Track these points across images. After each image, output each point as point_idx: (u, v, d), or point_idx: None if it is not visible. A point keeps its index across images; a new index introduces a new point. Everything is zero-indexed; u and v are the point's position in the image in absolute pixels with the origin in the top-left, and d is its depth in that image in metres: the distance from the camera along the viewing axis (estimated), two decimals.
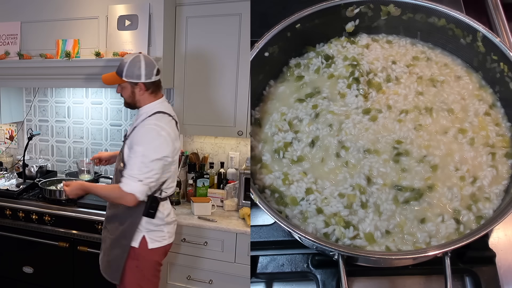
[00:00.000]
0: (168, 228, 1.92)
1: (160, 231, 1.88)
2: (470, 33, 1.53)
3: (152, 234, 1.86)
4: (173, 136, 1.80)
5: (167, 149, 1.76)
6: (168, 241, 1.94)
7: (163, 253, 1.95)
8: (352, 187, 1.39)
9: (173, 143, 1.80)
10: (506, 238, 1.55)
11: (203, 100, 2.51)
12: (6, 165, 3.12)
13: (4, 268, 2.70)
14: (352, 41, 1.68)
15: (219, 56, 2.43)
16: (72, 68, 2.47)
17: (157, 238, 1.88)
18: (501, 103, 1.53)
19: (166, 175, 1.83)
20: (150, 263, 1.90)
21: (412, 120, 1.49)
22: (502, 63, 1.48)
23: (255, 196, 1.32)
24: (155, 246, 1.88)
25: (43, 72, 2.60)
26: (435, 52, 1.66)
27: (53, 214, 2.50)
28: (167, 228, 1.91)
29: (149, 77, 1.81)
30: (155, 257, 1.91)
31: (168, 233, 1.92)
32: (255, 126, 1.56)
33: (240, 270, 2.29)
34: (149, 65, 1.82)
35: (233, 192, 2.58)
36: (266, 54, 1.58)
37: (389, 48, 1.67)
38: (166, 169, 1.81)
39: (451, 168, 1.40)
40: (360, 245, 1.33)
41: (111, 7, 2.46)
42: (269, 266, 1.53)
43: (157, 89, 1.87)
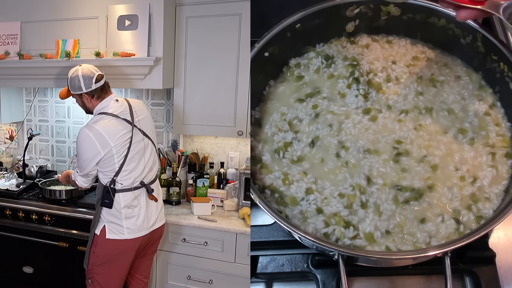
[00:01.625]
0: (127, 223, 2.01)
1: (117, 224, 2.01)
2: (470, 33, 1.53)
3: (110, 225, 2.02)
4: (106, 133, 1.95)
5: (95, 148, 1.94)
6: (127, 236, 2.02)
7: (125, 247, 2.03)
8: (352, 187, 1.39)
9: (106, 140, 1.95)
10: (506, 238, 1.55)
11: (203, 100, 2.51)
12: (6, 165, 3.12)
13: (4, 268, 2.70)
14: (352, 41, 1.68)
15: (219, 56, 2.43)
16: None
17: (114, 230, 2.01)
18: (501, 103, 1.53)
19: (110, 167, 1.99)
20: (107, 252, 2.04)
21: (412, 120, 1.48)
22: (502, 63, 1.47)
23: (255, 196, 1.32)
24: (112, 237, 2.01)
25: (43, 72, 2.61)
26: (435, 52, 1.66)
27: (53, 214, 2.50)
28: (126, 223, 2.01)
29: (89, 87, 2.02)
30: (112, 249, 2.03)
31: (127, 229, 2.01)
32: (255, 126, 1.56)
33: (240, 270, 2.29)
34: (86, 76, 2.02)
35: (233, 192, 2.58)
36: (266, 54, 1.57)
37: (389, 48, 1.67)
38: (106, 163, 1.98)
39: (451, 168, 1.40)
40: (360, 245, 1.33)
41: (111, 7, 2.46)
42: (269, 266, 1.53)
43: (102, 93, 2.06)
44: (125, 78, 2.49)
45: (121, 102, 2.09)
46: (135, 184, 2.04)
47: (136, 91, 2.90)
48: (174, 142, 2.84)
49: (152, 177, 2.14)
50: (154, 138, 2.18)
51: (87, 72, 2.04)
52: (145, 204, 2.07)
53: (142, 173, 2.06)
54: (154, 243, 2.22)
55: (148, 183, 2.09)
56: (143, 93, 2.90)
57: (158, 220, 2.15)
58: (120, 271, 2.09)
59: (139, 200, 2.05)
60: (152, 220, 2.11)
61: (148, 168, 2.10)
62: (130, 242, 2.03)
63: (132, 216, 2.02)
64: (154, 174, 2.16)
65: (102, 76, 2.07)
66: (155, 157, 2.17)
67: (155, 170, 2.18)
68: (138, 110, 2.12)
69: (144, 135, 2.09)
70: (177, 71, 2.53)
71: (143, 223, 2.05)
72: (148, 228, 2.09)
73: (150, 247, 2.21)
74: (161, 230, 2.21)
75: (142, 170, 2.06)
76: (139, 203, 2.05)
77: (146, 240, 2.12)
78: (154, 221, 2.12)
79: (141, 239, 2.06)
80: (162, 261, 2.46)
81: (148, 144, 2.11)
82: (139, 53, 2.41)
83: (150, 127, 2.15)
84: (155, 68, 2.41)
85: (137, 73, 2.43)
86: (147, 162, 2.09)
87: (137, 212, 2.04)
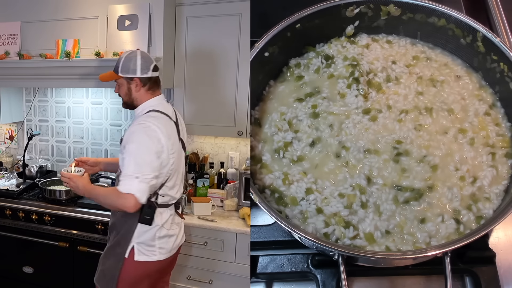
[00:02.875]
0: (160, 243, 1.75)
1: (150, 245, 1.74)
2: (470, 33, 1.53)
3: (141, 246, 1.73)
4: (166, 135, 1.68)
5: (158, 147, 1.66)
6: (159, 257, 1.76)
7: (152, 269, 1.77)
8: (352, 187, 1.39)
9: (167, 143, 1.68)
10: (506, 238, 1.55)
11: (203, 100, 2.51)
12: (6, 165, 3.11)
13: (4, 268, 2.70)
14: (352, 41, 1.68)
15: (219, 56, 2.43)
16: (72, 68, 2.47)
17: (145, 251, 1.74)
18: (501, 103, 1.53)
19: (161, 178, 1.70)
20: (131, 275, 1.75)
21: (412, 120, 1.49)
22: (502, 63, 1.48)
23: (255, 196, 1.32)
24: (142, 260, 1.73)
25: (43, 72, 2.60)
26: (435, 52, 1.66)
27: (53, 214, 2.50)
28: (159, 243, 1.75)
29: (145, 72, 1.75)
30: (140, 271, 1.75)
31: (160, 248, 1.75)
32: (255, 126, 1.56)
33: (240, 270, 2.29)
34: (146, 60, 1.77)
35: (233, 192, 2.58)
36: (266, 54, 1.58)
37: (389, 48, 1.67)
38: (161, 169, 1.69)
39: (451, 168, 1.40)
40: (360, 245, 1.33)
41: (111, 7, 2.46)
42: (269, 266, 1.53)
43: (155, 86, 1.80)
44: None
45: (169, 104, 1.86)
46: (173, 200, 1.80)
47: None
48: None
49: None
50: None
51: (147, 56, 1.79)
52: (176, 223, 1.84)
53: (181, 188, 1.84)
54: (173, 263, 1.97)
55: None
56: None
57: (182, 237, 1.92)
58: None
59: (174, 217, 1.82)
60: (180, 239, 1.89)
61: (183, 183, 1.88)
62: (159, 264, 1.78)
63: (167, 235, 1.77)
64: None
65: (158, 68, 1.81)
66: None
67: None
68: (180, 119, 1.89)
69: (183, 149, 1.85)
70: (177, 71, 2.53)
71: (174, 242, 1.83)
72: (177, 246, 1.87)
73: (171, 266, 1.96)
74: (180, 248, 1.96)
75: (180, 185, 1.83)
76: (173, 221, 1.82)
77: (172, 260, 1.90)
78: (180, 239, 1.90)
79: (169, 260, 1.84)
80: None
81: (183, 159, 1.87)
82: None
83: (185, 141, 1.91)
84: None
85: None
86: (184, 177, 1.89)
87: (173, 231, 1.81)
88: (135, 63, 1.74)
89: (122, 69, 1.76)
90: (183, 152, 1.85)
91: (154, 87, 1.79)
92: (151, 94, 1.79)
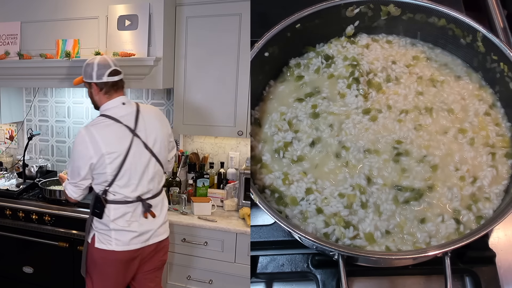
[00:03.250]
0: (116, 235, 1.88)
1: (106, 234, 1.89)
2: (470, 33, 1.53)
3: (99, 234, 1.90)
4: (101, 138, 1.82)
5: (88, 152, 1.81)
6: (115, 247, 1.88)
7: (111, 257, 1.89)
8: (352, 187, 1.39)
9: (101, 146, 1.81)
10: (506, 238, 1.55)
11: (203, 100, 2.51)
12: (6, 165, 3.12)
13: (4, 268, 2.70)
14: (352, 41, 1.68)
15: (219, 56, 2.43)
16: (72, 68, 2.47)
17: (103, 240, 1.89)
18: (501, 103, 1.53)
19: (102, 177, 1.84)
20: (96, 261, 1.93)
21: (412, 120, 1.49)
22: (502, 63, 1.47)
23: (255, 196, 1.32)
24: (100, 247, 1.90)
25: (43, 72, 2.60)
26: (435, 52, 1.66)
27: (53, 214, 2.50)
28: (114, 234, 1.88)
29: (100, 78, 1.89)
30: (100, 259, 1.91)
31: (115, 239, 1.87)
32: (255, 126, 1.56)
33: (240, 270, 2.29)
34: (102, 66, 1.89)
35: (233, 192, 2.58)
36: (266, 54, 1.57)
37: (389, 48, 1.67)
38: (99, 171, 1.83)
39: (451, 168, 1.40)
40: (360, 245, 1.33)
41: (111, 7, 2.46)
42: (269, 266, 1.53)
43: (111, 90, 1.92)
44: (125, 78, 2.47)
45: (128, 106, 1.93)
46: (130, 199, 1.88)
47: (136, 91, 2.90)
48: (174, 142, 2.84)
49: (154, 193, 1.96)
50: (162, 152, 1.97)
51: (104, 62, 1.91)
52: (138, 220, 1.91)
53: (139, 187, 1.89)
54: (152, 259, 2.02)
55: (146, 198, 1.92)
56: (143, 93, 2.90)
57: (154, 236, 1.96)
58: (110, 282, 1.95)
59: (132, 215, 1.89)
60: (146, 236, 1.93)
61: (148, 185, 1.92)
62: (118, 254, 1.89)
63: (121, 229, 1.88)
64: (156, 190, 1.98)
65: (118, 72, 1.92)
66: (159, 173, 1.98)
67: (159, 187, 1.99)
68: (148, 118, 1.94)
69: (147, 149, 1.91)
70: (177, 71, 2.53)
71: (135, 238, 1.90)
72: (140, 243, 1.92)
73: (147, 263, 2.02)
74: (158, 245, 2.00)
75: (141, 185, 1.90)
76: (132, 218, 1.89)
77: (138, 255, 1.95)
78: (148, 238, 1.94)
79: (130, 253, 1.91)
80: None
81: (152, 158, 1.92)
82: (139, 53, 2.41)
83: (159, 140, 1.95)
84: (155, 68, 2.41)
85: (137, 73, 2.43)
86: (149, 178, 1.92)
87: (127, 226, 1.89)
88: (92, 69, 1.90)
89: (84, 74, 1.94)
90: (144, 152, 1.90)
91: (111, 91, 1.92)
92: (107, 98, 1.92)
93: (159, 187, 1.99)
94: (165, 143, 2.00)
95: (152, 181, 1.94)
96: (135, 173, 1.88)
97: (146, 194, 1.93)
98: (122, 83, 1.96)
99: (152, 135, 1.93)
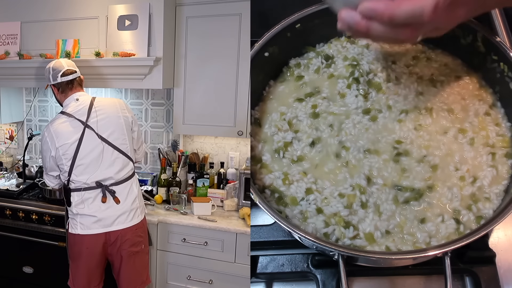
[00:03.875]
0: (81, 219, 2.09)
1: (74, 219, 2.11)
2: (470, 33, 1.53)
3: (71, 220, 2.14)
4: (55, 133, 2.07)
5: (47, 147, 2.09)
6: (80, 231, 2.09)
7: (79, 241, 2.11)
8: (352, 187, 1.39)
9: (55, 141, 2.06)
10: (506, 238, 1.55)
11: (203, 100, 2.51)
12: (6, 165, 3.12)
13: (4, 268, 2.70)
14: (352, 41, 1.67)
15: (219, 56, 2.43)
16: None
17: (72, 225, 2.13)
18: (501, 103, 1.53)
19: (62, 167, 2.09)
20: (70, 245, 2.17)
21: (412, 120, 1.48)
22: (502, 63, 1.47)
23: (255, 196, 1.32)
24: (71, 232, 2.13)
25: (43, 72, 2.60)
26: (435, 52, 1.66)
27: (53, 214, 2.50)
28: (79, 219, 2.09)
29: (55, 79, 2.14)
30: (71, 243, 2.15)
31: (80, 223, 2.09)
32: (255, 126, 1.56)
33: (240, 270, 2.29)
34: (56, 68, 2.14)
35: (233, 192, 2.58)
36: (266, 54, 1.57)
37: (389, 48, 1.67)
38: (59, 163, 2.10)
39: (451, 168, 1.40)
40: (360, 245, 1.33)
41: (111, 7, 2.46)
42: (269, 266, 1.53)
43: (66, 89, 2.16)
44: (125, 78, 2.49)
45: (81, 101, 2.14)
46: (87, 185, 2.07)
47: (136, 91, 2.90)
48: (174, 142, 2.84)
49: (116, 179, 2.11)
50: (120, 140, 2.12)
51: (57, 65, 2.15)
52: (99, 205, 2.08)
53: (95, 175, 2.07)
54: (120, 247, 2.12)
55: (109, 184, 2.08)
56: (143, 93, 2.90)
57: (118, 222, 2.10)
58: (80, 265, 2.14)
59: (93, 200, 2.08)
60: (108, 221, 2.09)
61: (105, 171, 2.08)
62: (83, 238, 2.09)
63: (84, 214, 2.08)
64: (118, 177, 2.11)
65: (71, 72, 2.15)
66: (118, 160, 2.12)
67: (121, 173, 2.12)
68: (101, 110, 2.11)
69: (101, 138, 2.08)
70: (177, 71, 2.53)
71: (95, 223, 2.08)
72: (102, 227, 2.08)
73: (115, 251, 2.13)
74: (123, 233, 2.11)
75: (97, 172, 2.07)
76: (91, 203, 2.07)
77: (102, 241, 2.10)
78: (111, 223, 2.09)
79: (94, 238, 2.08)
80: (162, 261, 2.46)
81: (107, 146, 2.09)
82: (139, 53, 2.41)
83: (113, 129, 2.11)
84: (155, 68, 2.41)
85: (137, 73, 2.43)
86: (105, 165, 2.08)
87: (88, 211, 2.07)
88: (48, 73, 2.15)
89: (45, 79, 2.20)
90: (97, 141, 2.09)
91: (66, 90, 2.17)
92: (65, 96, 2.18)
93: (121, 173, 2.13)
94: (124, 131, 2.15)
95: (109, 168, 2.10)
96: (90, 161, 2.08)
97: (107, 181, 2.10)
98: (79, 81, 2.20)
99: (106, 125, 2.11)
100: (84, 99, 2.15)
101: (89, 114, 2.09)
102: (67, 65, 2.16)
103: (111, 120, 2.13)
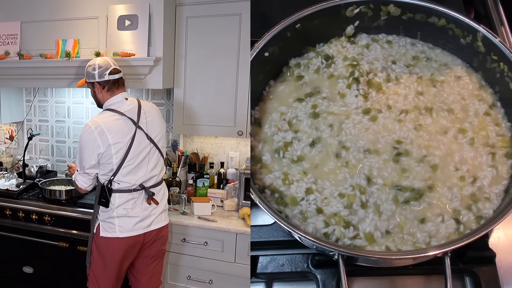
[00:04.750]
0: (119, 222, 2.02)
1: (110, 222, 2.02)
2: (470, 33, 1.53)
3: (104, 223, 2.04)
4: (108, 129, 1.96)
5: (95, 143, 1.95)
6: (119, 234, 2.02)
7: (116, 245, 2.03)
8: (352, 187, 1.39)
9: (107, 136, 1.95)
10: (506, 238, 1.55)
11: (203, 100, 2.51)
12: (6, 165, 3.11)
13: (4, 268, 2.70)
14: (352, 41, 1.68)
15: (219, 56, 2.43)
16: (72, 68, 2.47)
17: (107, 228, 2.03)
18: (501, 103, 1.53)
19: (108, 166, 1.99)
20: (100, 250, 2.06)
21: (412, 120, 1.49)
22: (502, 63, 1.48)
23: (255, 196, 1.32)
24: (105, 235, 2.03)
25: (43, 72, 2.60)
26: (435, 52, 1.66)
27: (53, 214, 2.50)
28: (118, 221, 2.02)
29: (101, 77, 2.05)
30: (104, 247, 2.05)
31: (119, 226, 2.02)
32: (255, 126, 1.56)
33: (240, 270, 2.29)
34: (103, 66, 2.07)
35: (233, 192, 2.58)
36: (266, 54, 1.58)
37: (389, 48, 1.67)
38: (105, 161, 1.98)
39: (451, 168, 1.40)
40: (360, 245, 1.33)
41: (111, 7, 2.46)
42: (269, 266, 1.53)
43: (113, 87, 2.07)
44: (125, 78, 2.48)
45: (130, 101, 2.10)
46: (134, 187, 2.03)
47: (136, 91, 2.90)
48: (174, 142, 2.84)
49: (156, 181, 2.12)
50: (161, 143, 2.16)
51: (104, 62, 2.09)
52: (141, 206, 2.06)
53: (141, 176, 2.05)
54: (151, 246, 2.15)
55: (149, 186, 2.07)
56: (143, 93, 2.90)
57: (155, 222, 2.11)
58: (111, 269, 2.08)
59: (136, 202, 2.04)
60: (148, 221, 2.08)
61: (150, 173, 2.08)
62: (121, 241, 2.03)
63: (125, 216, 2.02)
64: (158, 179, 2.13)
65: (117, 71, 2.09)
66: (160, 162, 2.15)
67: (160, 175, 2.15)
68: (148, 112, 2.11)
69: (150, 140, 2.07)
70: (177, 71, 2.53)
71: (137, 224, 2.05)
72: (142, 228, 2.07)
73: (146, 249, 2.15)
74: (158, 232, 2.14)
75: (144, 173, 2.05)
76: (135, 205, 2.04)
77: (140, 241, 2.09)
78: (150, 223, 2.09)
79: (133, 239, 2.05)
80: None
81: (153, 148, 2.09)
82: (139, 53, 2.40)
83: (158, 132, 2.13)
84: (155, 68, 2.41)
85: (137, 73, 2.43)
86: (151, 166, 2.08)
87: (131, 212, 2.03)
88: (94, 70, 2.06)
89: (87, 76, 2.10)
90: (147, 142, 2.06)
91: (113, 88, 2.08)
92: (110, 94, 2.08)
93: (160, 175, 2.15)
94: (164, 135, 2.20)
95: (154, 169, 2.10)
96: (138, 162, 2.03)
97: (149, 182, 2.07)
98: (122, 80, 2.12)
99: (153, 127, 2.10)
100: (133, 100, 2.12)
101: (139, 115, 2.06)
102: (113, 63, 2.11)
103: (157, 123, 2.14)
